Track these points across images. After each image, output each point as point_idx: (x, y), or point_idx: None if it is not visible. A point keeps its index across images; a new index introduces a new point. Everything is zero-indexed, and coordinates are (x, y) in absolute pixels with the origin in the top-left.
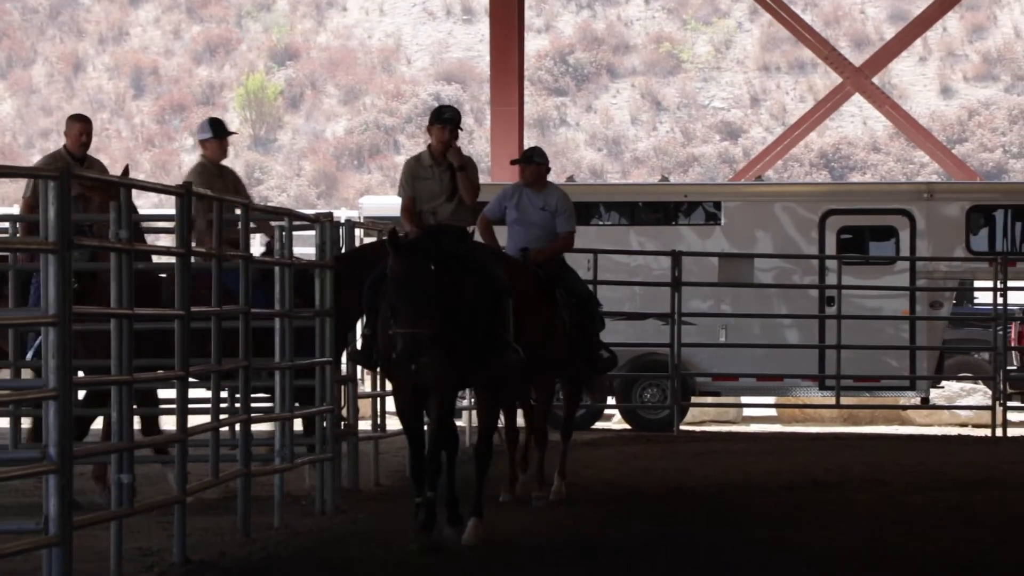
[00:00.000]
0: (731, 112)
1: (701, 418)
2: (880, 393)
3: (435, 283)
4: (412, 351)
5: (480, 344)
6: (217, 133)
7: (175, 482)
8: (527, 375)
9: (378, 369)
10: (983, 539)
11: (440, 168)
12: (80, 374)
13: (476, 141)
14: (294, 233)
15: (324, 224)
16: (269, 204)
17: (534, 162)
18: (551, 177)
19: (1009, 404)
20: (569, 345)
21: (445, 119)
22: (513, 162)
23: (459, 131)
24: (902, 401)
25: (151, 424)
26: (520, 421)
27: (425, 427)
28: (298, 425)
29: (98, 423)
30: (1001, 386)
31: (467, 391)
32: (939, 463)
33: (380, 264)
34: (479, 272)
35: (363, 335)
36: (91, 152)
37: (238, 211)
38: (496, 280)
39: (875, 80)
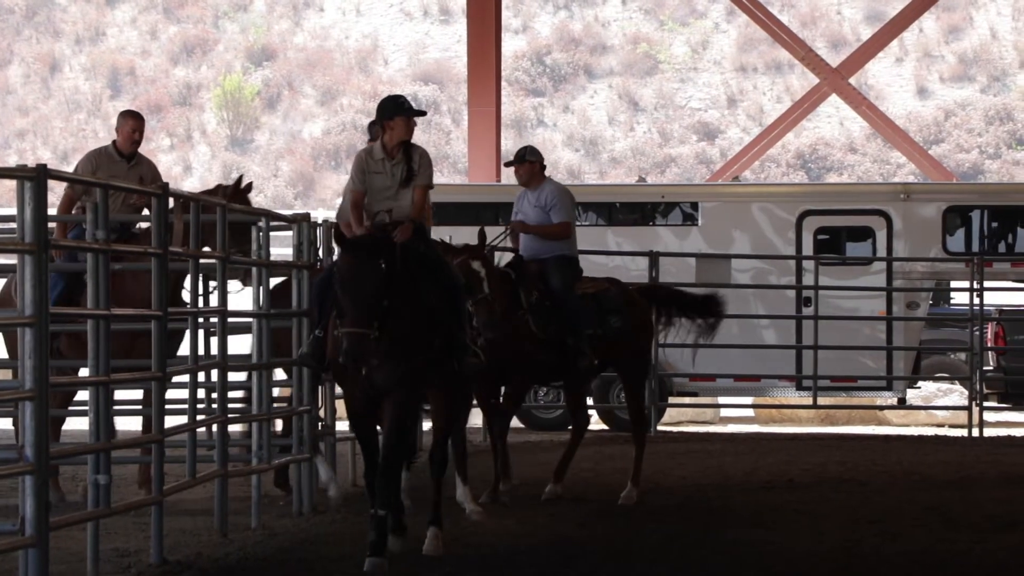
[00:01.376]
0: (708, 113)
1: (679, 418)
2: (857, 393)
3: (383, 282)
4: (357, 351)
5: (436, 346)
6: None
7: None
8: (496, 376)
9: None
10: (960, 539)
11: (392, 162)
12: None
13: (454, 142)
14: (271, 234)
15: (301, 224)
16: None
17: (526, 160)
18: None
19: (985, 404)
20: (539, 347)
21: (408, 109)
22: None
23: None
24: (879, 401)
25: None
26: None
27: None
28: (278, 425)
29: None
30: (977, 386)
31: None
32: (916, 463)
33: (328, 266)
34: (434, 270)
35: (313, 337)
36: (71, 152)
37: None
38: (452, 278)
39: (852, 81)
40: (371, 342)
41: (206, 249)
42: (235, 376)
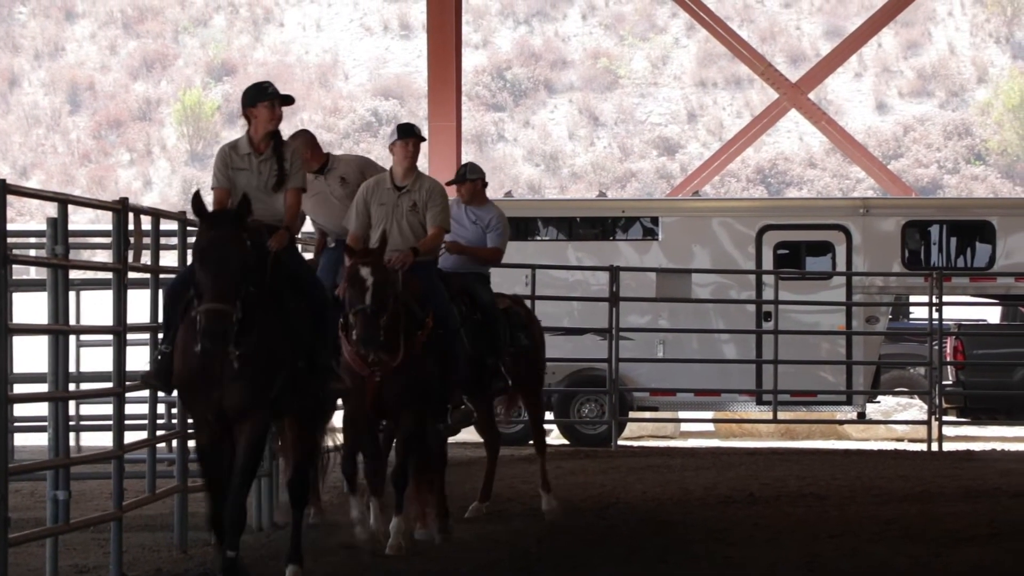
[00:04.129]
0: (668, 128)
1: (639, 433)
2: (817, 408)
3: (248, 258)
4: (218, 331)
5: (298, 367)
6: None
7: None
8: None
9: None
10: (919, 553)
11: (260, 158)
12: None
13: None
14: None
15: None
16: None
17: (467, 179)
18: (491, 193)
19: (945, 419)
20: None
21: (271, 94)
22: (448, 183)
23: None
24: (839, 416)
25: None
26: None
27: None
28: None
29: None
30: (937, 401)
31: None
32: (875, 477)
33: (181, 272)
34: (299, 282)
35: (159, 352)
36: (30, 168)
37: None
38: (320, 292)
39: (811, 96)
40: (231, 319)
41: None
42: None
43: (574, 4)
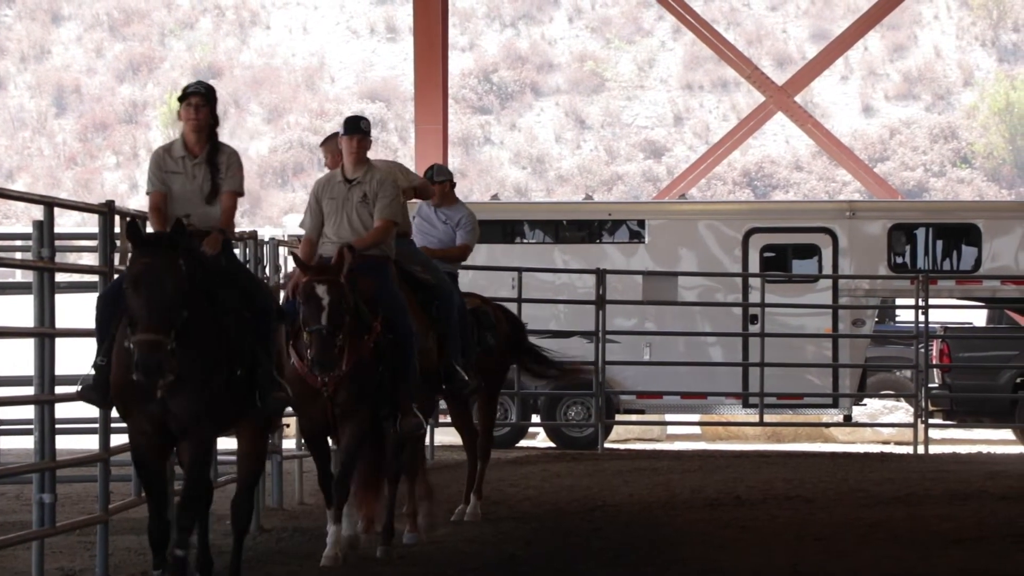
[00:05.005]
0: (655, 131)
1: (625, 436)
2: (803, 411)
3: (183, 283)
4: (151, 363)
5: (241, 378)
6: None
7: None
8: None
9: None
10: (905, 555)
11: (194, 161)
12: None
13: (401, 159)
14: None
15: (248, 243)
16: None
17: (434, 182)
18: (478, 195)
19: (931, 422)
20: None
21: (189, 92)
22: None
23: (213, 108)
24: (825, 419)
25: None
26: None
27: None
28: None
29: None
30: (923, 403)
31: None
32: (862, 480)
33: (114, 281)
34: (240, 288)
35: (95, 366)
36: (16, 171)
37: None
38: (263, 299)
39: (797, 99)
40: (166, 351)
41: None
42: None
43: (560, 7)
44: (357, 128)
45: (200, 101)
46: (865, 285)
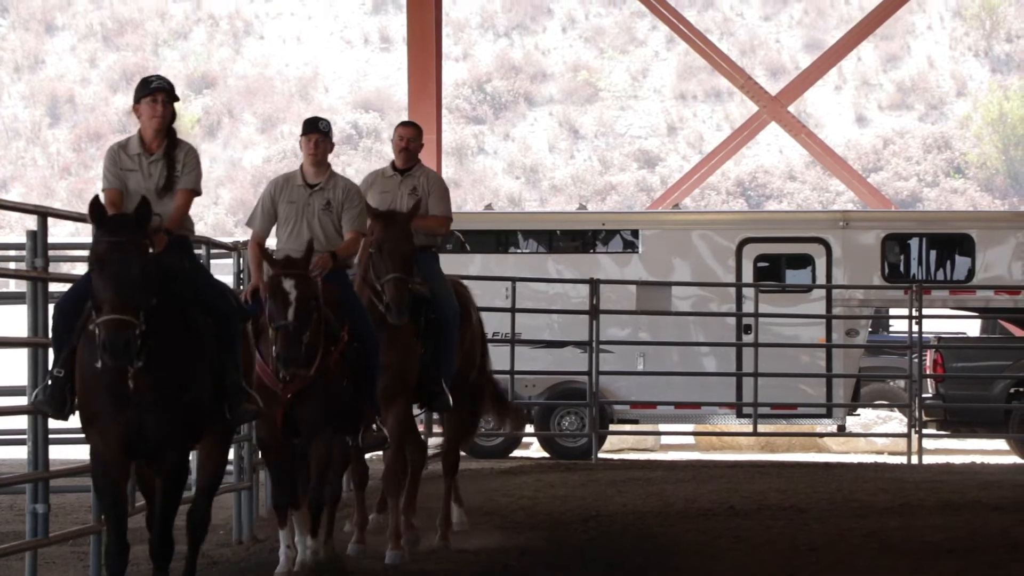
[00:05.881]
0: (648, 140)
1: (619, 446)
2: (797, 421)
3: (152, 264)
4: (119, 344)
5: (207, 386)
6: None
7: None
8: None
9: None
10: (898, 566)
11: (150, 158)
12: None
13: None
14: (211, 261)
15: (242, 252)
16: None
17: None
18: (471, 205)
19: (925, 432)
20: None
21: (154, 88)
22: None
23: (174, 105)
24: (819, 429)
25: None
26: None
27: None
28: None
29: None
30: (917, 413)
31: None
32: (855, 490)
33: (72, 287)
34: (203, 292)
35: (51, 376)
36: (9, 181)
37: None
38: (225, 301)
39: (791, 109)
40: (135, 338)
41: None
42: None
43: (554, 17)
44: (316, 128)
45: (165, 97)
46: (859, 295)
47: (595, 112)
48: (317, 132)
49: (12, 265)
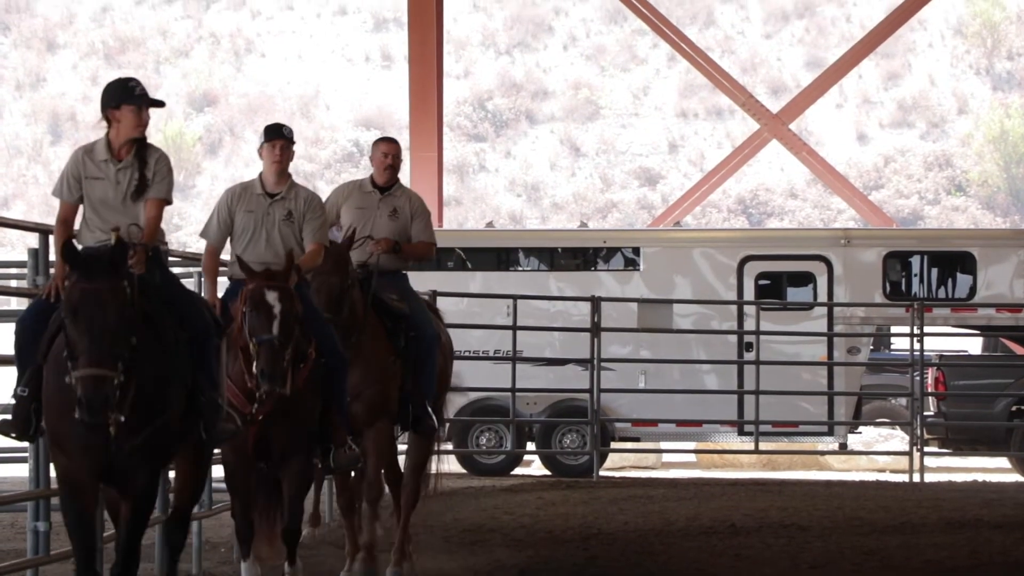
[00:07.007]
0: (649, 158)
1: (621, 464)
2: (798, 439)
3: (131, 309)
4: (97, 401)
5: (180, 407)
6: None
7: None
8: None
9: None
10: None
11: (118, 165)
12: None
13: None
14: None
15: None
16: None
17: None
18: (472, 223)
19: (926, 450)
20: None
21: (139, 95)
22: None
23: (148, 112)
24: (820, 446)
25: None
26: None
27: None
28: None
29: None
30: (918, 431)
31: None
32: (857, 508)
33: (34, 303)
34: (176, 306)
35: (15, 396)
36: (11, 198)
37: None
38: (199, 317)
39: (792, 127)
40: (114, 391)
41: None
42: None
43: (555, 35)
44: (280, 134)
45: (147, 105)
46: (860, 313)
47: (596, 130)
48: (282, 138)
49: (14, 283)
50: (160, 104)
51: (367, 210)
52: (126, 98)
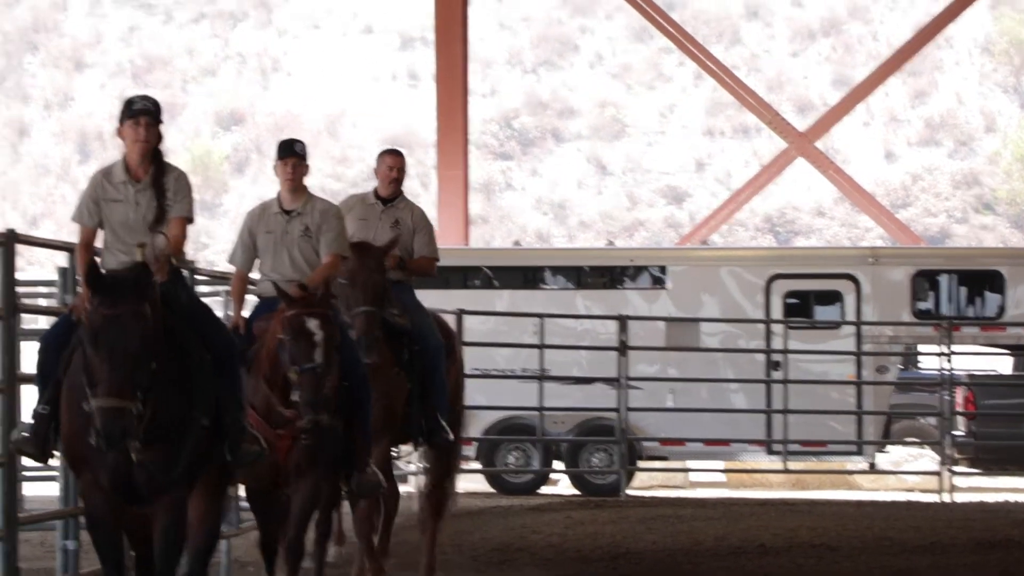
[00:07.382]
0: (676, 176)
1: (649, 483)
2: (827, 458)
3: (152, 335)
4: (115, 432)
5: (203, 428)
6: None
7: None
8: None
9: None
10: None
11: (137, 187)
12: None
13: (423, 206)
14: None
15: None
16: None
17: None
18: (499, 242)
19: (956, 469)
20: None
21: (136, 110)
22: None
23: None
24: (849, 466)
25: None
26: None
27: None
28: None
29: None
30: (948, 451)
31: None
32: (886, 528)
33: (58, 320)
34: (199, 325)
35: (36, 413)
36: (39, 217)
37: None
38: (223, 336)
39: (819, 145)
40: (132, 416)
41: None
42: None
43: (581, 53)
44: (292, 151)
45: (149, 120)
46: (888, 332)
47: (623, 148)
48: (294, 156)
49: (43, 302)
50: (156, 118)
51: (369, 221)
52: (125, 114)
